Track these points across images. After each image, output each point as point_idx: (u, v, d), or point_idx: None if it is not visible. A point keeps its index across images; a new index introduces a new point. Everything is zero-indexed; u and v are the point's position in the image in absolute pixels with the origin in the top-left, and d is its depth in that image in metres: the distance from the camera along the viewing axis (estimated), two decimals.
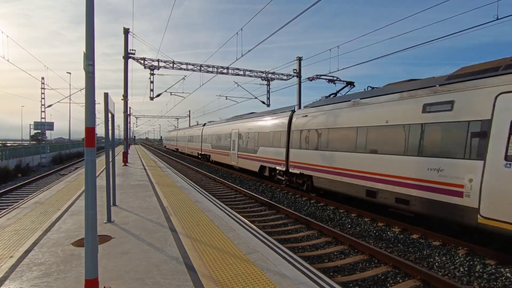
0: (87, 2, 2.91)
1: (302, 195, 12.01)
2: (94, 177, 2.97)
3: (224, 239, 4.88)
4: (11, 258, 3.99)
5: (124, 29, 18.41)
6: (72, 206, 7.13)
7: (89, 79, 2.90)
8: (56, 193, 8.83)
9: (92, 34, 2.91)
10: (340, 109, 10.35)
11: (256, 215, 9.44)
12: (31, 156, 28.77)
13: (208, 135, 26.91)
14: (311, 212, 9.81)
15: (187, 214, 6.49)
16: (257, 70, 22.86)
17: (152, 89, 20.79)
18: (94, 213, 2.92)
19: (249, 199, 11.83)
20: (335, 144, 10.26)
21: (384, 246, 6.79)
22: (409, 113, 7.61)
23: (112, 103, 5.77)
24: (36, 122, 33.49)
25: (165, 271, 3.67)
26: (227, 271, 3.70)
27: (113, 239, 4.81)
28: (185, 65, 20.90)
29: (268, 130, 15.62)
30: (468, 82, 6.45)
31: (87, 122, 2.97)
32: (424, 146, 7.14)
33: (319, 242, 6.97)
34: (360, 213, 9.18)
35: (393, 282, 5.07)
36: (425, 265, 5.82)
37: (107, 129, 5.71)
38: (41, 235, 4.95)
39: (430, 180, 6.88)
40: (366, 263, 5.81)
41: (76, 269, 3.69)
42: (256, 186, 14.97)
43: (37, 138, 51.54)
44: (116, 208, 6.87)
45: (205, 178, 17.87)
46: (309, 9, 8.81)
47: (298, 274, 3.68)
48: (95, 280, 2.91)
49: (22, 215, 6.26)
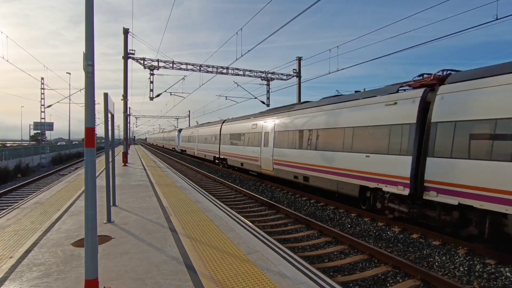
0: (87, 2, 2.91)
1: (302, 195, 12.00)
2: (94, 177, 2.97)
3: (224, 239, 4.87)
4: (11, 259, 3.99)
5: (124, 29, 18.41)
6: (72, 206, 7.13)
7: (88, 79, 2.90)
8: (56, 193, 8.82)
9: (92, 34, 2.90)
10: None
11: (256, 215, 9.44)
12: (31, 157, 28.76)
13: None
14: (311, 212, 9.81)
15: (187, 214, 6.48)
16: (257, 70, 22.88)
17: (151, 89, 20.80)
18: (94, 213, 2.92)
19: (249, 199, 11.82)
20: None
21: (384, 246, 6.80)
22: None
23: (112, 103, 5.77)
24: (35, 123, 33.45)
25: (165, 271, 3.67)
26: (227, 271, 3.70)
27: (113, 239, 4.81)
28: (184, 65, 20.90)
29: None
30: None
31: (87, 122, 2.97)
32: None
33: (319, 242, 6.97)
34: (360, 213, 9.18)
35: (393, 282, 5.07)
36: (425, 264, 5.82)
37: (107, 129, 5.70)
38: (41, 236, 4.94)
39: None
40: (366, 263, 5.81)
41: (76, 269, 3.69)
42: (256, 186, 14.97)
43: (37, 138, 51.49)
44: (116, 208, 6.87)
45: (205, 178, 17.87)
46: (309, 8, 8.80)
47: (298, 274, 3.68)
48: (95, 281, 2.91)
49: (22, 215, 6.26)
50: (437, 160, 6.84)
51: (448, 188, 6.56)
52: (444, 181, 6.63)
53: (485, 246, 6.28)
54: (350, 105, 9.73)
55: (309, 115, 11.87)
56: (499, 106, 5.79)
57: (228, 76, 22.09)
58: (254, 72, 22.72)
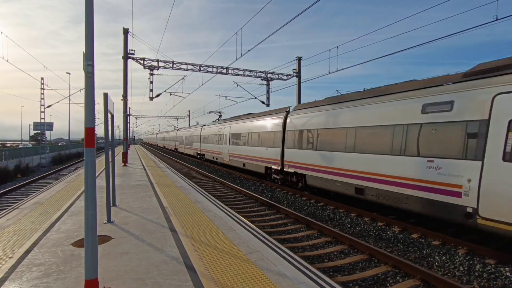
0: (86, 2, 2.91)
1: (302, 195, 12.01)
2: (94, 177, 2.97)
3: (224, 239, 4.88)
4: (11, 259, 3.99)
5: (124, 29, 18.40)
6: (72, 206, 7.13)
7: (88, 80, 2.90)
8: (55, 193, 8.82)
9: (92, 34, 2.90)
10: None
11: (256, 215, 9.44)
12: (31, 157, 28.76)
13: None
14: (311, 212, 9.81)
15: (187, 214, 6.49)
16: (257, 70, 22.88)
17: (151, 89, 20.79)
18: (94, 213, 2.92)
19: (249, 199, 11.82)
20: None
21: (384, 245, 6.80)
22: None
23: (112, 103, 5.77)
24: (35, 123, 33.42)
25: (165, 271, 3.67)
26: (227, 271, 3.70)
27: (113, 240, 4.81)
28: (184, 65, 20.89)
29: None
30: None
31: (87, 122, 2.97)
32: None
33: (319, 242, 6.98)
34: (360, 213, 9.18)
35: (393, 282, 5.07)
36: (425, 264, 5.82)
37: (107, 130, 5.70)
38: (40, 236, 4.94)
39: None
40: (366, 263, 5.81)
41: (76, 269, 3.69)
42: (256, 186, 14.97)
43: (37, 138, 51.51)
44: (116, 208, 6.87)
45: (205, 178, 17.86)
46: (309, 8, 8.83)
47: (298, 274, 3.69)
48: (95, 281, 2.91)
49: (22, 215, 6.26)
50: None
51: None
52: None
53: (485, 246, 6.29)
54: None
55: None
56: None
57: (228, 76, 22.10)
58: (254, 72, 22.73)
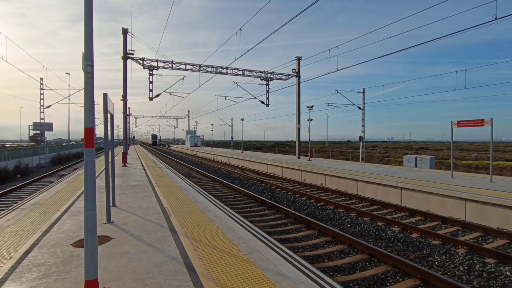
0: (86, 2, 2.90)
1: (302, 195, 12.01)
2: (94, 177, 2.97)
3: (224, 239, 4.87)
4: (10, 259, 3.98)
5: (123, 29, 18.39)
6: (72, 206, 7.12)
7: (88, 80, 2.89)
8: (55, 194, 8.81)
9: (91, 34, 2.89)
10: None
11: (256, 215, 9.44)
12: (30, 157, 28.73)
13: None
14: (311, 212, 9.81)
15: (186, 214, 6.48)
16: (256, 70, 22.88)
17: (151, 89, 20.78)
18: (94, 213, 2.91)
19: (249, 199, 11.82)
20: None
21: (383, 245, 6.80)
22: None
23: (111, 103, 5.76)
24: (35, 123, 33.36)
25: (165, 272, 3.67)
26: (227, 271, 3.70)
27: (112, 240, 4.80)
28: (184, 65, 20.88)
29: None
30: None
31: (86, 122, 2.96)
32: None
33: (319, 241, 6.98)
34: (359, 213, 9.19)
35: (393, 281, 5.08)
36: (425, 264, 5.82)
37: (106, 130, 5.70)
38: (40, 236, 4.94)
39: None
40: (366, 263, 5.81)
41: (75, 270, 3.68)
42: (255, 186, 14.97)
43: (36, 139, 51.43)
44: (116, 208, 6.86)
45: (204, 178, 17.86)
46: (309, 7, 8.83)
47: (298, 273, 3.68)
48: (95, 281, 2.90)
49: (21, 216, 6.25)
50: None
51: None
52: None
53: (485, 246, 6.29)
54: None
55: None
56: None
57: (228, 76, 22.11)
58: (254, 72, 22.72)
